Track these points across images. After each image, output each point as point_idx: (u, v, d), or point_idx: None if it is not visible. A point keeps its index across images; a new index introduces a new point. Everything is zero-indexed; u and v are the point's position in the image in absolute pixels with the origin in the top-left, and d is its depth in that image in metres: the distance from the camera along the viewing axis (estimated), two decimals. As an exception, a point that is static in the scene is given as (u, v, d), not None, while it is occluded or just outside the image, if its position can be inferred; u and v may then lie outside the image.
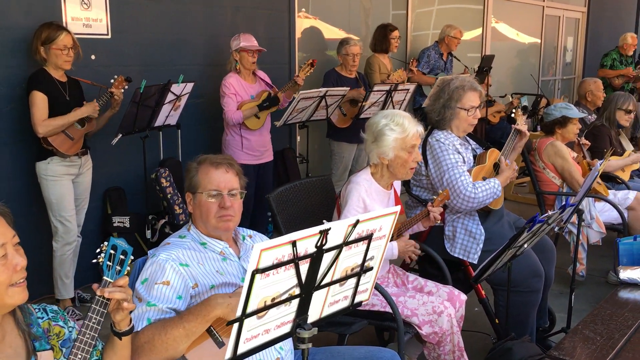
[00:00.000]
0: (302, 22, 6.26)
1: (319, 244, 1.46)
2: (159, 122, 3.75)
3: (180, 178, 4.21)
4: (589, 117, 5.54)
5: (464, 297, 2.69)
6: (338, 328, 2.36)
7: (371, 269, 1.72)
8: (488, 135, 7.77)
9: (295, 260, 1.41)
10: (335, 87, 4.37)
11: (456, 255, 3.01)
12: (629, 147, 4.98)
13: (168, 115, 3.79)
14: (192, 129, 4.58)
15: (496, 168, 3.17)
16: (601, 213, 4.12)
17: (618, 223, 4.10)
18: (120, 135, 3.49)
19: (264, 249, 1.31)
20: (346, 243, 1.55)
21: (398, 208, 1.69)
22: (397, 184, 2.89)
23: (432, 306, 2.52)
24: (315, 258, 1.47)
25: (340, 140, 4.92)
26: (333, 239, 1.51)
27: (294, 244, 1.37)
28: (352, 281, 1.68)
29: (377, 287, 2.48)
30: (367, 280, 1.74)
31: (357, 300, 1.74)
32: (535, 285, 2.93)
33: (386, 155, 2.62)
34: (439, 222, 2.76)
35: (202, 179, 1.99)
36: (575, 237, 4.08)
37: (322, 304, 1.61)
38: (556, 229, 2.85)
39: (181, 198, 4.13)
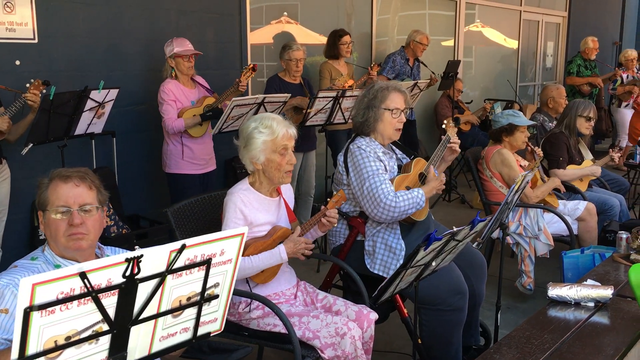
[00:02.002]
0: (283, 27, 6.17)
1: (128, 273, 1.29)
2: (79, 130, 3.59)
3: (112, 188, 4.05)
4: (550, 124, 5.39)
5: (374, 316, 2.52)
6: (218, 356, 2.19)
7: (217, 296, 1.55)
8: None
9: (92, 294, 1.25)
10: (274, 94, 4.21)
11: (376, 271, 2.86)
12: (588, 155, 4.81)
13: (90, 123, 3.63)
14: (130, 137, 4.42)
15: (422, 178, 3.02)
16: (550, 224, 3.96)
17: (567, 235, 3.94)
18: (31, 144, 3.33)
19: (37, 282, 1.15)
20: (170, 271, 1.39)
21: (243, 230, 1.53)
22: (289, 191, 2.74)
23: (335, 327, 2.36)
24: (125, 289, 1.31)
25: (285, 149, 4.73)
26: (151, 267, 1.34)
27: (83, 276, 1.21)
28: (191, 311, 1.51)
29: (272, 307, 2.32)
30: (214, 309, 1.58)
31: (203, 331, 1.58)
32: (457, 304, 2.77)
33: (257, 159, 2.50)
34: (335, 225, 2.62)
35: (51, 195, 1.83)
36: (517, 249, 3.96)
37: (151, 339, 1.45)
38: (474, 244, 2.69)
39: (112, 209, 3.97)
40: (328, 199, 2.64)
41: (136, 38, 4.45)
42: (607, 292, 2.67)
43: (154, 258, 1.34)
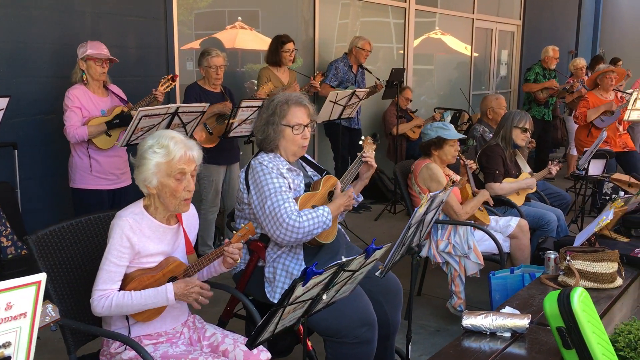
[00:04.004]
0: (238, 33, 5.98)
1: None
2: (-37, 143, 3.27)
3: (11, 205, 3.72)
4: (491, 134, 5.23)
5: (265, 356, 2.26)
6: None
7: (8, 358, 1.28)
8: (407, 151, 7.46)
9: None
10: (189, 104, 3.93)
11: (276, 301, 2.59)
12: (526, 168, 4.65)
13: (-23, 135, 3.31)
14: (36, 149, 4.09)
15: (331, 197, 2.78)
16: (481, 242, 3.76)
17: (498, 253, 3.74)
18: None
19: None
20: None
21: (40, 277, 1.26)
22: (192, 219, 2.46)
23: (215, 372, 2.09)
24: None
25: (207, 162, 4.40)
26: None
27: None
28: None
29: (139, 351, 2.04)
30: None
31: (-5, 400, 1.30)
32: (364, 336, 2.53)
33: (149, 182, 2.21)
34: (238, 261, 2.34)
35: None
36: (446, 268, 3.76)
37: None
38: (377, 273, 2.46)
39: (10, 229, 3.64)
40: (234, 232, 2.37)
41: (46, 42, 4.13)
42: (523, 322, 2.47)
43: None
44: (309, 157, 2.97)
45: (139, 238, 2.20)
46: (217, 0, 5.72)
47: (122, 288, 2.20)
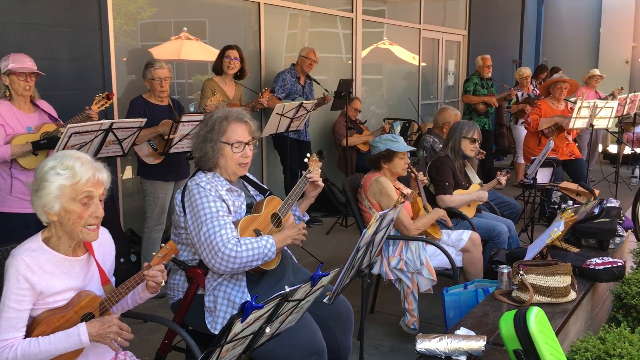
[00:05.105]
0: (183, 43, 5.78)
1: None
2: None
3: None
4: (441, 145, 5.18)
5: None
6: None
7: None
8: (358, 163, 7.37)
9: None
10: (125, 119, 3.71)
11: (218, 332, 2.41)
12: (475, 179, 4.60)
13: None
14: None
15: (275, 219, 2.61)
16: (434, 257, 3.66)
17: (451, 268, 3.65)
18: None
19: None
20: None
21: None
22: (105, 246, 2.23)
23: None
24: None
25: (153, 178, 4.22)
26: None
27: None
28: None
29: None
30: None
31: None
32: (312, 366, 2.37)
33: (50, 208, 1.98)
34: (162, 285, 2.14)
35: None
36: (399, 285, 3.62)
37: None
38: (325, 299, 2.31)
39: None
40: (153, 253, 2.16)
41: (-33, 55, 3.82)
42: (479, 344, 2.36)
43: None
44: (251, 176, 2.80)
45: (40, 277, 1.96)
46: (162, 10, 5.50)
47: (29, 333, 1.96)
